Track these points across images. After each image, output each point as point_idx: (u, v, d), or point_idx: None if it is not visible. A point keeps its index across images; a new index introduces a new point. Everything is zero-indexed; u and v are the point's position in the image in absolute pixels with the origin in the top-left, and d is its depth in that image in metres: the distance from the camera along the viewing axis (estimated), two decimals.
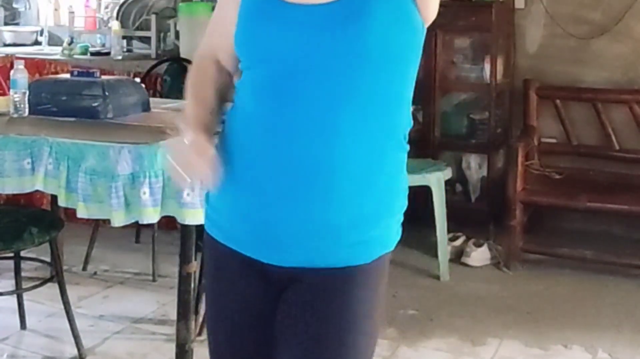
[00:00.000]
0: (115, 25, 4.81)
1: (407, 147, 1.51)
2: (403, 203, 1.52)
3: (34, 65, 4.53)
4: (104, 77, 3.09)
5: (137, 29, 4.94)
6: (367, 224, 1.44)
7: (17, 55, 4.36)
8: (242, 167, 1.45)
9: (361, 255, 1.45)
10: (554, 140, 4.51)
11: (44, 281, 3.07)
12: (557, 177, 4.27)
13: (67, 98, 2.94)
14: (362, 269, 1.45)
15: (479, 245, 4.11)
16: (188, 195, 2.41)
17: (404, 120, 1.48)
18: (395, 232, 1.51)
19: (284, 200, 1.41)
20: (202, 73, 1.60)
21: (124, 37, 4.94)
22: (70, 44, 4.98)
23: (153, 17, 4.76)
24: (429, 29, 1.49)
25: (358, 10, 1.37)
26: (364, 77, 1.39)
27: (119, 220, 2.43)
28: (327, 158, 1.39)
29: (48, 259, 3.29)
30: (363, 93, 1.39)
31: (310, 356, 1.46)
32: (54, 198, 2.80)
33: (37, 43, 5.51)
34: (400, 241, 1.56)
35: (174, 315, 2.75)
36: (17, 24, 5.70)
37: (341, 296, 1.45)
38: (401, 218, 1.53)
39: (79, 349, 3.00)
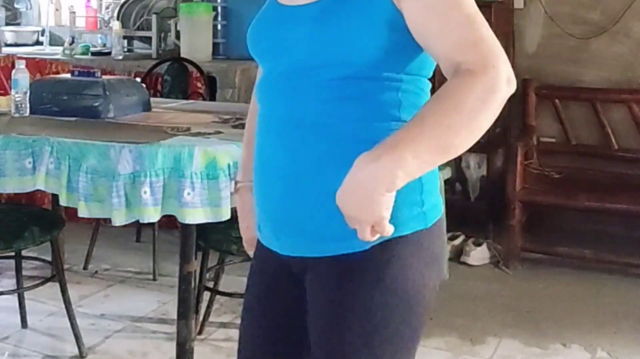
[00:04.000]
0: (116, 25, 4.82)
1: None
2: (414, 185, 1.34)
3: (35, 65, 4.54)
4: (104, 77, 3.10)
5: (138, 29, 4.95)
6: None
7: (19, 55, 4.37)
8: (257, 164, 1.52)
9: (354, 243, 1.33)
10: (553, 140, 4.53)
11: (45, 280, 3.07)
12: (556, 176, 4.27)
13: (68, 98, 2.95)
14: (361, 257, 1.37)
15: (478, 244, 4.13)
16: (188, 194, 2.42)
17: (394, 106, 1.39)
18: (407, 216, 1.38)
19: (270, 193, 1.47)
20: (254, 116, 1.64)
21: (124, 37, 4.95)
22: (71, 43, 4.99)
23: (154, 17, 4.77)
24: None
25: (330, 14, 1.36)
26: (334, 75, 1.37)
27: (119, 219, 2.44)
28: (292, 154, 1.41)
29: (49, 258, 3.31)
30: (329, 89, 1.37)
31: (314, 346, 1.45)
32: (55, 197, 2.82)
33: (38, 43, 5.53)
34: None
35: (174, 314, 2.76)
36: (18, 24, 5.71)
37: (336, 288, 1.40)
38: (421, 201, 1.41)
39: (79, 348, 3.00)
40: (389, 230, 1.23)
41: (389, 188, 1.20)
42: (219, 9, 4.69)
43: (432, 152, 1.23)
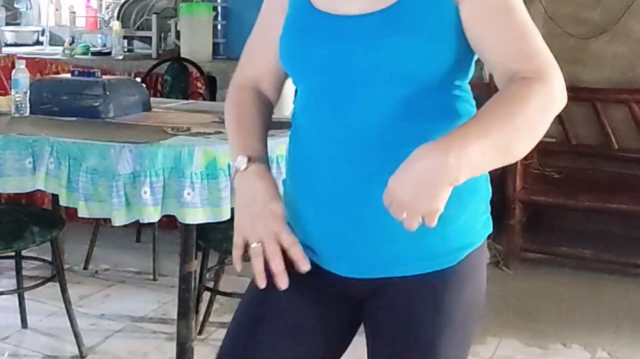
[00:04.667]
0: (116, 25, 4.82)
1: None
2: (481, 194, 1.43)
3: (35, 65, 4.53)
4: (104, 77, 3.10)
5: (138, 28, 4.95)
6: (440, 225, 1.26)
7: (19, 55, 4.36)
8: (308, 186, 1.41)
9: (443, 260, 1.37)
10: (553, 140, 4.51)
11: (45, 280, 3.08)
12: (557, 176, 4.27)
13: (68, 98, 2.95)
14: (448, 273, 1.38)
15: None
16: (189, 194, 2.42)
17: (457, 118, 1.37)
18: (479, 226, 1.42)
19: (334, 216, 1.37)
20: (244, 105, 1.53)
21: (124, 37, 4.96)
22: (71, 43, 4.99)
23: (154, 17, 4.77)
24: None
25: (394, 24, 1.31)
26: (400, 89, 1.32)
27: (119, 219, 2.44)
28: (364, 175, 1.34)
29: (49, 258, 3.31)
30: (405, 104, 1.33)
31: None
32: (55, 197, 2.81)
33: (38, 43, 5.53)
34: None
35: (174, 314, 2.76)
36: (18, 24, 5.71)
37: (429, 304, 1.39)
38: (486, 209, 1.46)
39: (79, 348, 3.00)
40: (435, 223, 1.21)
41: (453, 182, 1.18)
42: (219, 8, 4.70)
43: (496, 151, 1.22)
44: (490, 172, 1.32)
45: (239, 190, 1.43)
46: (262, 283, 1.36)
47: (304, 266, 1.35)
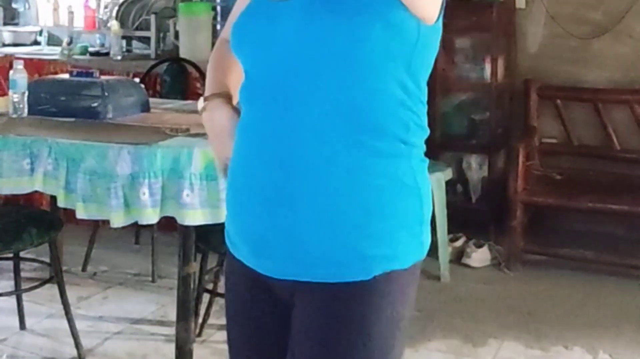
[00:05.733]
0: (114, 25, 4.80)
1: (417, 154, 1.38)
2: (417, 216, 1.39)
3: (33, 66, 4.52)
4: (103, 77, 3.09)
5: (137, 29, 4.93)
6: (357, 240, 1.31)
7: (16, 56, 4.36)
8: (237, 174, 1.41)
9: (356, 271, 1.31)
10: (554, 141, 4.51)
11: (44, 282, 3.07)
12: (558, 177, 4.26)
13: (66, 99, 2.94)
14: (361, 286, 1.33)
15: (479, 246, 4.11)
16: (187, 195, 2.41)
17: (399, 124, 1.33)
18: (409, 247, 1.38)
19: (267, 209, 1.35)
20: (222, 54, 1.61)
21: (123, 37, 4.93)
22: (69, 44, 4.97)
23: (152, 17, 4.75)
24: None
25: (323, 6, 1.28)
26: (339, 75, 1.29)
27: (118, 220, 2.43)
28: (302, 166, 1.31)
29: (47, 260, 3.28)
30: (340, 93, 1.29)
31: None
32: (54, 198, 2.80)
33: (36, 43, 5.51)
34: None
35: (173, 316, 2.75)
36: (16, 24, 5.69)
37: (342, 319, 1.35)
38: (421, 232, 1.41)
39: (78, 350, 2.99)
40: None
41: None
42: (219, 8, 4.68)
43: None
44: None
45: (204, 125, 1.62)
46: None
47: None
